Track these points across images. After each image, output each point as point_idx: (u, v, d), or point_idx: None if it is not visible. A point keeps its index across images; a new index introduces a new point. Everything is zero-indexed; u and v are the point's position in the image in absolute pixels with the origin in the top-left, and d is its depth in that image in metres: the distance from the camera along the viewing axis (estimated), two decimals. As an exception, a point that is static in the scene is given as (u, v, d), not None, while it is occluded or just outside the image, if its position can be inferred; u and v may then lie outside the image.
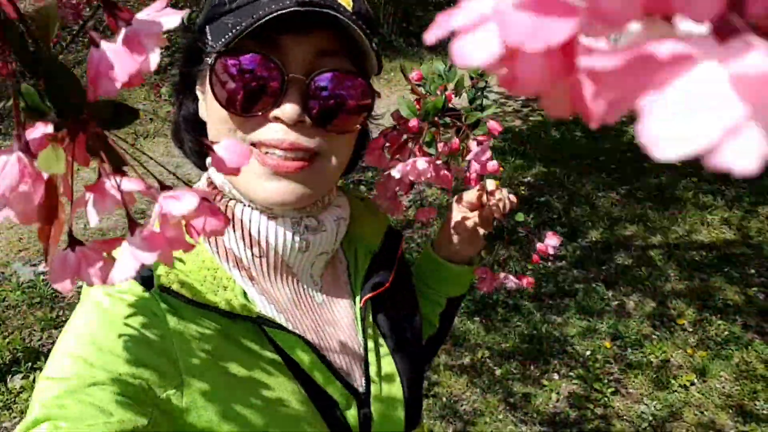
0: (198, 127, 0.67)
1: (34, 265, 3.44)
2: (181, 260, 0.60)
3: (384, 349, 0.73)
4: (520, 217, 0.89)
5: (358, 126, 0.64)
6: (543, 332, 3.01)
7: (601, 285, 3.40)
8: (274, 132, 0.58)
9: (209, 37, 0.59)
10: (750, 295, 3.27)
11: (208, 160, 0.68)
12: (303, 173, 0.60)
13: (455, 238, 0.87)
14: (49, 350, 2.85)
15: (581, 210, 4.26)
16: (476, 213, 0.84)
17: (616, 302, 3.28)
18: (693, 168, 4.85)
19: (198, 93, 0.66)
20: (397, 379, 0.72)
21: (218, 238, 0.64)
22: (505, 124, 5.15)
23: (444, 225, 0.89)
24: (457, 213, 0.86)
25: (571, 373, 2.77)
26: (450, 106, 0.70)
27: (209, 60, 0.58)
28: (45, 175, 0.28)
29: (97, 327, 0.54)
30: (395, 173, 0.68)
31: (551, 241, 0.90)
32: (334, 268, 0.75)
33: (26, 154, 0.27)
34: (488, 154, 0.72)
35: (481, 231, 0.86)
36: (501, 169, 0.74)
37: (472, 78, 0.72)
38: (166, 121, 5.92)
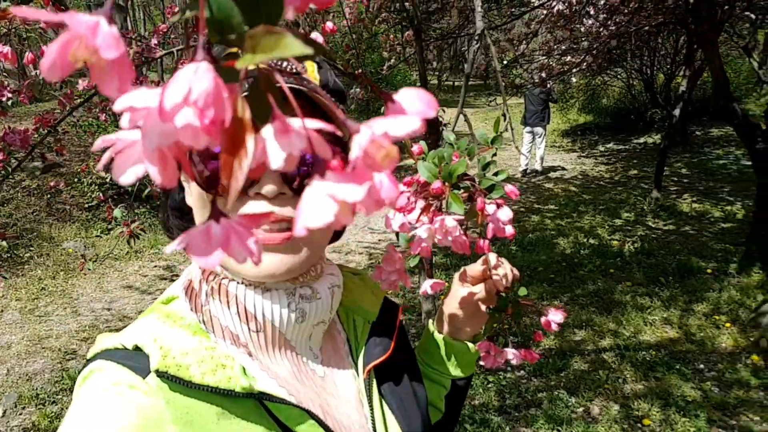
0: (185, 213, 0.69)
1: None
2: (172, 346, 0.58)
3: (392, 421, 0.71)
4: (522, 291, 0.89)
5: None
6: (515, 446, 2.90)
7: (564, 392, 3.37)
8: (256, 207, 0.59)
9: None
10: (706, 390, 3.33)
11: None
12: (290, 243, 0.60)
13: (459, 314, 0.86)
14: None
15: (530, 319, 4.30)
16: (480, 287, 0.83)
17: (581, 408, 3.24)
18: (625, 273, 5.10)
19: (183, 182, 0.68)
20: None
21: (213, 316, 0.63)
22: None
23: (446, 301, 0.88)
24: (460, 288, 0.85)
25: (551, 487, 2.64)
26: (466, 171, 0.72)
27: None
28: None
29: (91, 427, 0.51)
30: (422, 233, 0.67)
31: (555, 317, 0.89)
32: (333, 339, 0.74)
33: (214, 64, 0.23)
34: (509, 216, 0.73)
35: (483, 306, 0.85)
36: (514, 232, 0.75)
37: (480, 146, 0.75)
38: (96, 259, 5.68)
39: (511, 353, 0.84)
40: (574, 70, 7.90)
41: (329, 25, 1.35)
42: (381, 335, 0.75)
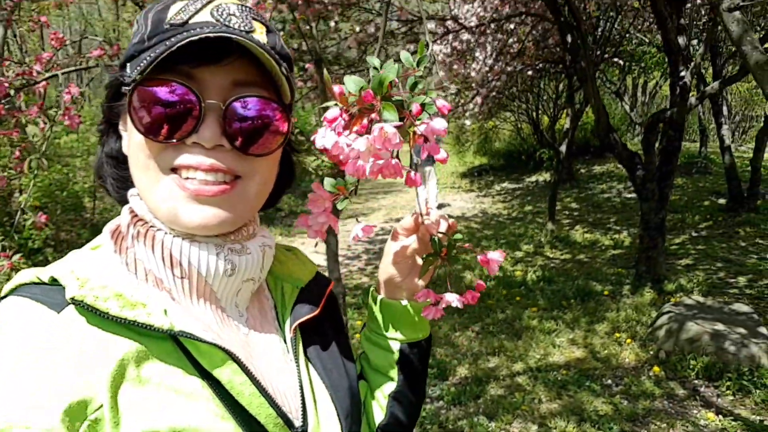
0: (120, 162, 0.68)
1: None
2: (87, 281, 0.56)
3: (318, 383, 0.70)
4: (458, 236, 0.84)
5: (276, 149, 0.65)
6: (440, 476, 2.79)
7: (483, 417, 3.33)
8: (192, 158, 0.59)
9: (128, 72, 0.62)
10: (616, 403, 3.41)
11: (130, 191, 0.66)
12: (224, 197, 0.60)
13: (395, 272, 0.81)
14: None
15: (444, 350, 4.29)
16: (413, 237, 0.79)
17: (501, 431, 3.21)
18: (530, 300, 5.25)
19: (121, 130, 0.67)
20: (335, 415, 0.69)
21: (137, 259, 0.61)
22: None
23: (381, 262, 0.84)
24: (394, 244, 0.82)
25: None
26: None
27: (128, 90, 0.60)
28: None
29: (6, 362, 0.49)
30: (360, 145, 0.61)
31: (494, 255, 0.84)
32: (260, 303, 0.72)
33: None
34: (444, 125, 0.67)
35: (419, 259, 0.80)
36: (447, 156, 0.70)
37: (407, 70, 0.71)
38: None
39: (451, 296, 0.78)
40: (468, 113, 8.27)
41: None
42: (309, 300, 0.74)
